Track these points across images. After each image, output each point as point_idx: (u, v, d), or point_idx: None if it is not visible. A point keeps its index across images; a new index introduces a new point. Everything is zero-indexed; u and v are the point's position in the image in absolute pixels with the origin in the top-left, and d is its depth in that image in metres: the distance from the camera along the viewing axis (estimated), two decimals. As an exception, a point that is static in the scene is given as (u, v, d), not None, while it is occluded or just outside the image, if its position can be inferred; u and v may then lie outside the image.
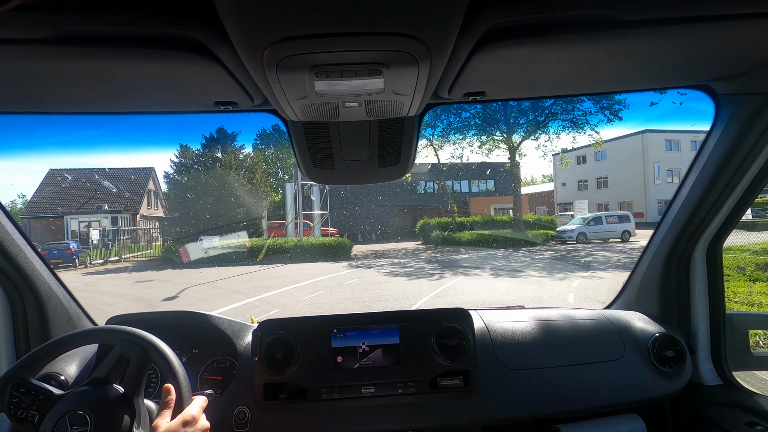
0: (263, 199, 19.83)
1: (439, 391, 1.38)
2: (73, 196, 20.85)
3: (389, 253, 16.80)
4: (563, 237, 18.18)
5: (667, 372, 1.46)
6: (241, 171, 19.55)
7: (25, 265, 1.38)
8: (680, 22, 0.75)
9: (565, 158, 23.56)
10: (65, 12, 0.66)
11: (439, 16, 0.65)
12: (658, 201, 28.31)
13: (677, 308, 1.60)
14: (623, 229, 18.24)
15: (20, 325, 1.43)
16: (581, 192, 32.38)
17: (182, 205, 18.82)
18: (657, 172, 28.71)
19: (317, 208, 19.40)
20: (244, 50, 0.71)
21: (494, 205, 25.92)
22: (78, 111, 1.09)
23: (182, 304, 8.31)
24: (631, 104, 17.07)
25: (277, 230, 19.56)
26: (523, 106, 18.65)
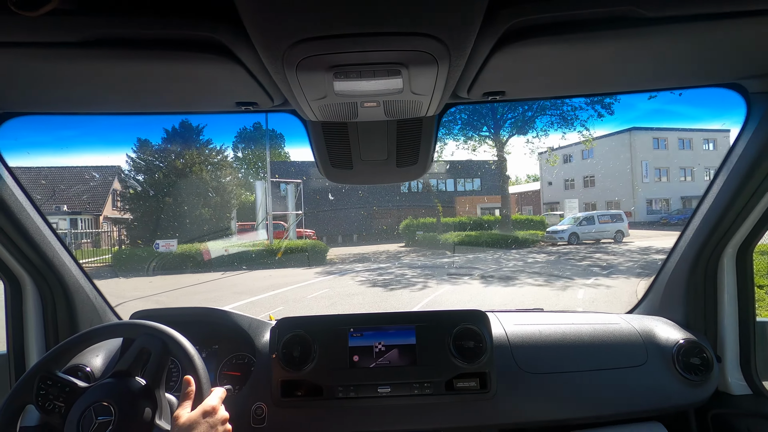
0: (233, 199, 18.21)
1: (456, 393, 1.37)
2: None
3: (369, 257, 15.46)
4: (554, 238, 17.38)
5: (692, 380, 1.41)
6: (206, 168, 17.85)
7: (55, 260, 1.41)
8: (710, 18, 0.72)
9: (554, 155, 22.82)
10: (95, 16, 0.68)
11: (459, 15, 0.64)
12: (646, 200, 28.06)
13: (704, 314, 1.53)
14: (616, 229, 17.61)
15: (50, 318, 1.47)
16: (568, 191, 32.00)
17: (138, 205, 17.13)
18: (645, 170, 28.43)
19: (292, 208, 18.07)
20: (265, 51, 0.72)
21: (480, 205, 25.34)
22: (103, 112, 1.12)
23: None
24: (630, 102, 16.52)
25: (242, 232, 18.11)
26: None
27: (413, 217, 20.42)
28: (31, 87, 0.93)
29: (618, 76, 1.01)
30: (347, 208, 23.15)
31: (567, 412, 1.39)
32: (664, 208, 28.16)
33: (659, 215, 26.88)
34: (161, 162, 17.70)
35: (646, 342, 1.49)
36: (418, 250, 17.01)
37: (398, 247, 18.44)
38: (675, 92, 1.53)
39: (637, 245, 15.39)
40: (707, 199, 1.39)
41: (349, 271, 11.88)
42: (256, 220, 16.63)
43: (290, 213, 18.14)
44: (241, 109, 1.06)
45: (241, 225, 19.67)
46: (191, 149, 18.23)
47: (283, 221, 18.56)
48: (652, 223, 25.52)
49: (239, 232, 18.65)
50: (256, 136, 29.03)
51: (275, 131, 29.62)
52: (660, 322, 1.58)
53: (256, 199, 16.49)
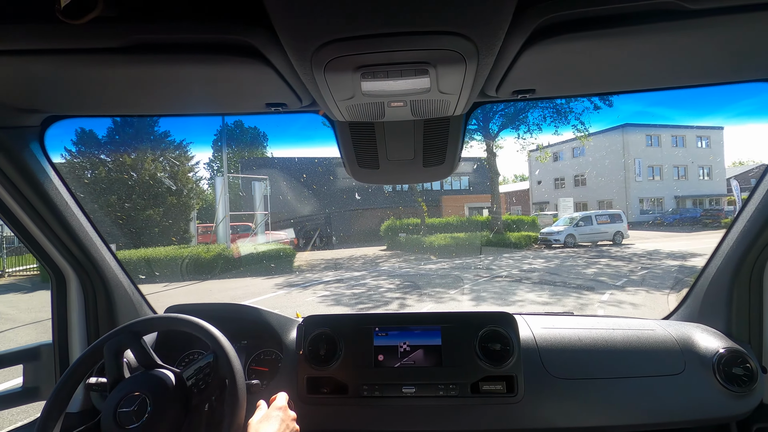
0: (192, 199, 16.21)
1: (482, 396, 1.35)
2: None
3: (344, 263, 13.65)
4: (549, 240, 16.03)
5: (734, 391, 1.33)
6: (161, 164, 15.77)
7: (96, 255, 1.46)
8: (756, 9, 0.70)
9: (546, 152, 21.47)
10: (135, 23, 0.71)
11: (488, 13, 0.64)
12: (639, 199, 27.09)
13: (748, 322, 1.46)
14: (615, 230, 16.38)
15: (91, 311, 1.52)
16: (558, 190, 31.10)
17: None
18: (638, 168, 27.50)
19: (260, 207, 16.20)
20: (294, 53, 0.73)
21: (468, 204, 24.18)
22: (138, 114, 1.13)
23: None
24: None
25: (205, 235, 16.17)
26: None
27: (395, 218, 18.85)
28: (74, 91, 0.95)
29: (654, 72, 0.95)
30: (326, 205, 21.54)
31: (597, 420, 1.34)
32: (657, 207, 27.30)
33: (653, 215, 25.95)
34: (109, 156, 15.59)
35: (684, 350, 1.42)
36: (400, 254, 15.29)
37: (378, 250, 16.68)
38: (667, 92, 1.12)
39: (641, 248, 13.93)
40: (754, 199, 1.35)
41: (316, 281, 10.05)
42: (215, 221, 14.69)
43: (258, 213, 16.30)
44: (271, 110, 1.06)
45: (203, 227, 17.83)
46: (145, 144, 16.19)
47: (250, 222, 16.76)
48: (645, 223, 24.46)
49: (200, 234, 16.81)
50: (237, 134, 28.11)
51: (257, 129, 28.56)
52: (699, 330, 1.50)
53: (216, 198, 14.54)
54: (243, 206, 20.67)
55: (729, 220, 19.46)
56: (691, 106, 25.86)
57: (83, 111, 1.11)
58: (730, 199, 25.47)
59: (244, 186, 21.84)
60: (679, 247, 13.54)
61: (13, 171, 1.17)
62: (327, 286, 9.21)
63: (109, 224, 14.17)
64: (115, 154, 15.55)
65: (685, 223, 22.75)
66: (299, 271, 11.93)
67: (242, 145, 28.69)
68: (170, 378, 1.04)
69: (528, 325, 1.51)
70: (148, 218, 14.30)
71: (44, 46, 0.75)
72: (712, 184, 28.06)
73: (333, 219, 21.76)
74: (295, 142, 25.91)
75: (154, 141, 16.87)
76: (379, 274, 10.98)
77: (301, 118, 14.54)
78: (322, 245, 19.97)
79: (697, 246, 13.19)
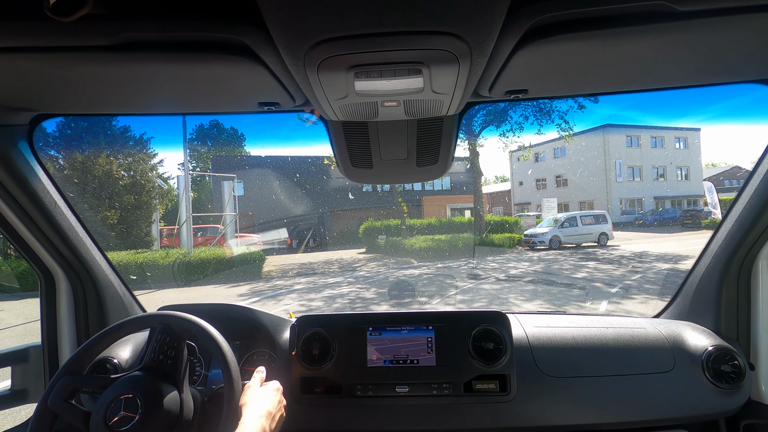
0: (154, 199, 14.98)
1: (475, 395, 1.36)
2: None
3: (318, 268, 12.71)
4: (533, 242, 15.52)
5: (723, 388, 1.36)
6: (118, 161, 14.48)
7: (86, 256, 1.45)
8: (743, 11, 0.71)
9: (528, 150, 21.06)
10: (125, 21, 0.69)
11: (481, 13, 0.63)
12: (620, 200, 27.06)
13: (736, 320, 1.49)
14: (600, 231, 16.05)
15: (81, 312, 1.51)
16: (540, 191, 31.01)
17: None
18: (619, 169, 27.51)
19: (228, 207, 15.11)
20: (287, 52, 0.73)
21: (450, 205, 23.57)
22: (129, 112, 1.13)
23: None
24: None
25: (169, 238, 15.00)
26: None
27: (374, 219, 18.03)
28: (64, 89, 0.94)
29: (646, 72, 0.96)
30: (302, 207, 20.65)
31: (589, 418, 1.36)
32: (637, 208, 27.37)
33: (633, 216, 25.90)
34: (60, 153, 14.23)
35: (674, 348, 1.45)
36: (379, 257, 14.46)
37: (357, 253, 15.78)
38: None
39: (629, 250, 13.49)
40: (741, 199, 1.36)
41: (285, 290, 9.09)
42: (177, 223, 13.54)
43: (227, 215, 15.21)
44: (264, 110, 1.06)
45: (168, 229, 16.60)
46: (100, 139, 14.88)
47: (219, 224, 15.67)
48: (626, 224, 24.33)
49: (164, 237, 15.60)
50: (214, 133, 27.26)
51: (235, 129, 27.85)
52: (689, 328, 1.53)
53: (178, 197, 13.41)
54: (215, 207, 19.50)
55: (709, 221, 19.52)
56: (665, 110, 26.13)
57: (73, 109, 1.10)
58: (706, 200, 25.65)
59: (214, 186, 20.68)
60: (665, 248, 13.18)
61: (1, 170, 1.15)
62: (296, 298, 8.28)
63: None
64: (66, 150, 14.22)
65: (665, 223, 22.68)
66: (267, 278, 10.94)
67: (219, 144, 27.74)
68: (167, 388, 1.03)
69: (520, 324, 1.53)
70: (103, 220, 13.03)
71: (33, 43, 0.73)
72: (689, 184, 28.32)
73: (310, 219, 20.88)
74: (287, 141, 25.13)
75: (112, 137, 15.58)
76: (355, 280, 10.08)
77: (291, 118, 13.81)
78: (315, 246, 19.13)
79: (684, 248, 12.80)
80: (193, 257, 10.94)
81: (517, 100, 1.05)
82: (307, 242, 19.15)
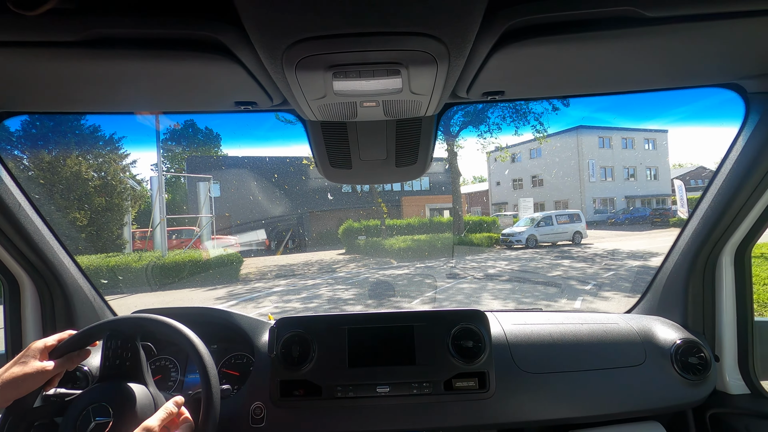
0: (126, 201, 14.54)
1: (455, 393, 1.37)
2: None
3: (297, 269, 12.60)
4: (511, 241, 15.74)
5: (690, 379, 1.41)
6: (87, 161, 13.98)
7: (53, 259, 1.40)
8: (709, 18, 0.73)
9: (505, 151, 21.44)
10: (94, 15, 0.67)
11: (458, 15, 0.64)
12: (593, 199, 27.80)
13: (702, 314, 1.55)
14: (575, 230, 16.46)
15: (48, 317, 1.46)
16: (517, 191, 31.55)
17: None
18: (592, 169, 28.23)
19: (204, 209, 14.79)
20: (264, 51, 0.71)
21: (429, 205, 23.71)
22: (101, 111, 1.11)
23: None
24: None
25: (142, 241, 14.59)
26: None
27: (354, 220, 17.98)
28: (30, 86, 0.91)
29: (617, 76, 0.99)
30: (281, 208, 20.41)
31: (565, 412, 1.39)
32: (609, 207, 28.18)
33: (605, 215, 26.66)
34: (25, 153, 13.63)
35: (645, 342, 1.49)
36: (359, 258, 14.44)
37: (336, 254, 15.72)
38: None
39: (601, 248, 13.90)
40: (706, 198, 1.39)
41: (263, 293, 8.97)
42: (151, 225, 13.18)
43: (203, 216, 14.89)
44: (241, 109, 1.05)
45: (140, 232, 16.13)
46: (69, 138, 14.34)
47: (195, 226, 15.33)
48: (599, 222, 25.05)
49: (137, 240, 15.16)
50: (189, 133, 26.65)
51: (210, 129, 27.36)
52: (658, 322, 1.57)
53: (152, 199, 13.06)
54: (190, 208, 19.07)
55: (676, 219, 20.32)
56: (635, 112, 27.04)
57: (39, 107, 1.08)
58: (674, 199, 26.66)
59: (189, 187, 20.21)
60: (636, 246, 13.63)
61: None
62: (277, 298, 8.18)
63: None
64: (31, 150, 13.63)
65: (636, 222, 23.47)
66: (246, 281, 10.77)
67: (195, 145, 27.12)
68: (135, 387, 1.01)
69: (499, 322, 1.55)
70: (72, 222, 12.55)
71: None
72: (658, 184, 29.37)
73: (305, 220, 20.68)
74: (265, 141, 24.76)
75: (81, 136, 15.03)
76: (335, 281, 10.04)
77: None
78: (294, 247, 18.93)
79: (653, 245, 13.28)
80: (168, 260, 10.67)
81: (494, 102, 1.06)
82: (286, 243, 18.96)
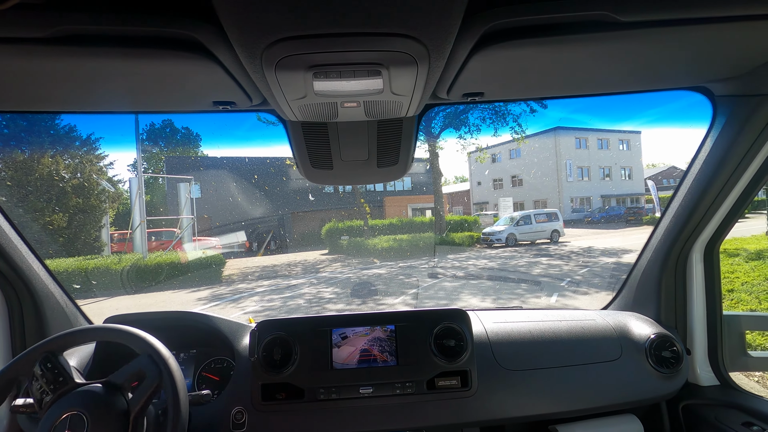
0: (104, 203, 14.24)
1: (438, 392, 1.38)
2: None
3: (281, 270, 12.59)
4: (491, 240, 16.07)
5: (664, 373, 1.45)
6: (64, 162, 13.66)
7: (22, 264, 1.36)
8: (679, 23, 0.75)
9: (484, 152, 21.84)
10: (64, 11, 0.65)
11: (438, 16, 0.64)
12: (570, 199, 28.50)
13: (674, 309, 1.59)
14: (552, 228, 16.90)
15: (17, 325, 1.41)
16: (497, 191, 32.00)
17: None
18: (569, 169, 28.89)
19: (185, 210, 14.61)
20: (243, 50, 0.70)
21: (412, 205, 23.93)
22: (75, 110, 1.08)
23: None
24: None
25: (120, 243, 14.33)
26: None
27: (337, 220, 18.04)
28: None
29: (592, 78, 1.01)
30: (264, 210, 20.25)
31: (546, 408, 1.40)
32: (586, 206, 28.93)
33: (582, 213, 27.39)
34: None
35: (621, 337, 1.52)
36: (342, 258, 14.51)
37: (320, 254, 15.75)
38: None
39: (577, 246, 14.33)
40: (677, 197, 1.42)
41: (247, 293, 8.98)
42: (130, 227, 12.96)
43: (184, 218, 14.70)
44: (219, 109, 1.03)
45: (119, 234, 15.82)
46: (43, 138, 13.96)
47: (175, 228, 15.12)
48: (576, 221, 25.74)
49: (115, 242, 14.87)
50: (167, 133, 26.05)
51: (190, 130, 26.84)
52: (633, 318, 1.61)
53: (131, 201, 12.85)
54: (169, 210, 18.76)
55: (649, 217, 21.08)
56: (610, 113, 27.82)
57: (7, 107, 1.03)
58: (648, 198, 27.59)
59: (169, 188, 19.89)
60: (610, 243, 14.11)
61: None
62: (261, 299, 8.22)
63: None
64: (3, 150, 13.23)
65: (611, 220, 24.21)
66: (229, 282, 10.73)
67: (173, 145, 26.58)
68: (107, 392, 0.99)
69: (480, 321, 1.57)
70: (44, 226, 12.23)
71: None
72: (632, 183, 30.31)
73: (286, 221, 20.55)
74: (245, 141, 24.46)
75: (56, 136, 14.65)
76: (318, 281, 10.11)
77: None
78: (276, 248, 18.84)
79: (627, 242, 13.77)
80: (149, 262, 10.55)
81: (474, 103, 1.07)
82: (267, 245, 18.85)
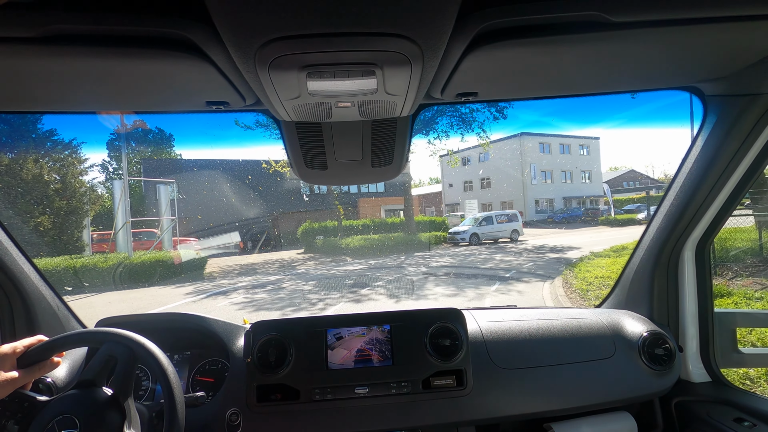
0: (86, 204, 14.70)
1: (433, 391, 1.37)
2: None
3: (259, 267, 13.48)
4: (456, 239, 17.25)
5: (657, 370, 1.46)
6: (47, 165, 14.11)
7: (13, 267, 1.34)
8: (670, 24, 0.75)
9: (454, 157, 23.08)
10: (54, 11, 0.64)
11: (432, 17, 0.64)
12: (535, 200, 30.11)
13: (667, 306, 1.60)
14: (512, 228, 18.12)
15: (7, 328, 1.39)
16: (467, 192, 33.15)
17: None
18: (533, 172, 30.43)
19: (166, 212, 15.25)
20: (236, 50, 0.69)
21: (385, 207, 24.89)
22: (64, 111, 1.06)
23: None
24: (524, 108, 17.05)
25: (103, 243, 14.85)
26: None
27: (312, 220, 18.93)
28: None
29: (585, 78, 1.02)
30: (242, 210, 20.82)
31: (541, 406, 1.41)
32: (550, 207, 30.58)
33: (545, 214, 29.03)
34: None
35: (614, 335, 1.53)
36: (317, 257, 15.46)
37: (296, 253, 16.66)
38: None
39: (532, 244, 15.73)
40: (668, 196, 1.42)
41: (230, 288, 9.89)
42: (114, 228, 13.55)
43: (165, 219, 15.33)
44: (212, 109, 1.02)
45: (99, 235, 16.28)
46: (26, 142, 14.32)
47: (154, 228, 15.71)
48: (539, 221, 27.37)
49: (96, 243, 15.35)
50: (141, 135, 25.98)
51: (163, 130, 26.76)
52: (626, 316, 1.62)
53: (114, 203, 13.45)
54: (148, 212, 19.21)
55: (604, 218, 22.77)
56: (584, 115, 29.32)
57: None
58: (606, 200, 29.51)
59: (147, 190, 20.29)
60: (562, 241, 15.53)
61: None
62: (245, 292, 9.14)
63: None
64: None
65: (571, 220, 25.98)
66: (211, 278, 11.57)
67: (154, 146, 26.45)
68: (102, 396, 0.96)
69: (475, 320, 1.57)
70: (37, 226, 12.71)
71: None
72: (592, 186, 32.25)
73: (250, 223, 21.18)
74: (237, 142, 24.33)
75: (37, 139, 15.01)
76: (294, 277, 11.11)
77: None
78: (270, 248, 19.46)
79: (576, 241, 15.26)
80: (135, 260, 11.26)
81: (468, 102, 1.07)
82: (263, 244, 19.51)
